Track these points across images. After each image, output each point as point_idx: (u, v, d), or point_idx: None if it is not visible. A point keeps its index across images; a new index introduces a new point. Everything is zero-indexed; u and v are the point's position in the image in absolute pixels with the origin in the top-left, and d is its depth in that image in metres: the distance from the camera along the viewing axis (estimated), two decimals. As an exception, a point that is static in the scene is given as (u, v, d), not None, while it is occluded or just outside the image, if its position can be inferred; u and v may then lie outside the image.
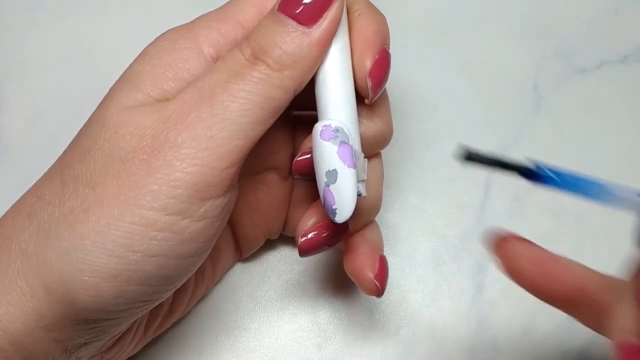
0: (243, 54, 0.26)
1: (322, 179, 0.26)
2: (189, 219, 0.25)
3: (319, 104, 0.27)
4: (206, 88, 0.25)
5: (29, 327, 0.25)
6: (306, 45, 0.26)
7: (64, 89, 0.38)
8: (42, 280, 0.25)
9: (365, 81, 0.27)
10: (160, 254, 0.25)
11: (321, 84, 0.27)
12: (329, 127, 0.26)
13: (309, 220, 0.29)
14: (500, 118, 0.38)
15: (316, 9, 0.26)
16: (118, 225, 0.24)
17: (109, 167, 0.25)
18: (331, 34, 0.26)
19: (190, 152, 0.24)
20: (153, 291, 0.26)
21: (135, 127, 0.25)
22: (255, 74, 0.25)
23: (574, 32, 0.39)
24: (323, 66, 0.27)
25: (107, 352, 0.29)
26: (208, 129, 0.25)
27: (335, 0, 0.26)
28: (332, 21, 0.26)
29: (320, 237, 0.29)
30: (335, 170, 0.26)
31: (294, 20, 0.26)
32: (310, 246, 0.29)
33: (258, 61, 0.25)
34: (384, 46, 0.28)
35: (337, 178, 0.26)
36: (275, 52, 0.25)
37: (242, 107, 0.25)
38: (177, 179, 0.24)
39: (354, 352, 0.33)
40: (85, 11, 0.40)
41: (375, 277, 0.29)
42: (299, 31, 0.26)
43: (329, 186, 0.26)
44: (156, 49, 0.27)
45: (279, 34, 0.26)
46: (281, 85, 0.26)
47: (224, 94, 0.25)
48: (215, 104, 0.25)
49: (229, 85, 0.25)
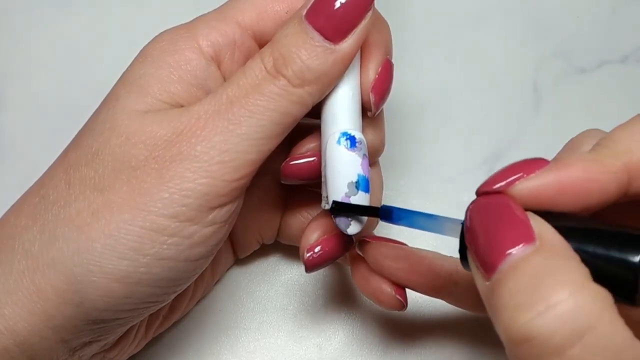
0: (264, 63, 0.25)
1: (340, 189, 0.26)
2: (198, 225, 0.25)
3: (333, 112, 0.27)
4: (223, 101, 0.25)
5: (37, 328, 0.25)
6: (331, 62, 0.25)
7: (64, 89, 0.38)
8: (50, 281, 0.25)
9: (369, 95, 0.27)
10: (170, 257, 0.25)
11: (336, 93, 0.26)
12: (353, 138, 0.26)
13: (313, 235, 0.29)
14: (500, 118, 0.38)
15: (345, 26, 0.25)
16: (128, 230, 0.24)
17: (118, 172, 0.25)
18: (356, 51, 0.26)
19: (203, 165, 0.25)
20: (162, 292, 0.26)
21: (147, 137, 0.25)
22: (275, 89, 0.25)
23: (574, 32, 0.39)
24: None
25: (109, 352, 0.29)
26: (223, 143, 0.25)
27: (365, 18, 0.25)
28: (359, 39, 0.26)
29: (326, 251, 0.28)
30: (357, 182, 0.26)
31: (321, 35, 0.25)
32: (317, 261, 0.28)
33: (279, 75, 0.25)
34: (387, 56, 0.28)
35: (359, 190, 0.26)
36: (297, 66, 0.25)
37: (259, 122, 0.25)
38: (188, 189, 0.24)
39: (354, 352, 0.33)
40: (85, 11, 0.40)
41: (395, 292, 0.29)
42: (325, 46, 0.25)
43: (349, 197, 0.26)
44: (157, 50, 0.27)
45: (304, 46, 0.25)
46: (299, 101, 0.25)
47: (241, 109, 0.25)
48: (232, 119, 0.25)
49: (247, 100, 0.25)
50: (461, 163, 0.37)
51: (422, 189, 0.36)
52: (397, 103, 0.36)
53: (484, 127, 0.37)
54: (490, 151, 0.37)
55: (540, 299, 0.18)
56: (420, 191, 0.36)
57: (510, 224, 0.20)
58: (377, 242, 0.29)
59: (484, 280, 0.20)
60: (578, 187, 0.21)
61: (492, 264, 0.20)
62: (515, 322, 0.19)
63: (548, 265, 0.19)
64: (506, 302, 0.19)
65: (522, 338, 0.19)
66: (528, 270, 0.19)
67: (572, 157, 0.22)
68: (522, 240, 0.20)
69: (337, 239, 0.28)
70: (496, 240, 0.20)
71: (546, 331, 0.18)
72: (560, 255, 0.20)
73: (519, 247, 0.20)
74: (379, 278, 0.29)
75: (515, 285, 0.19)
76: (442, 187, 0.36)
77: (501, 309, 0.19)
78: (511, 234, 0.20)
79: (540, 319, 0.18)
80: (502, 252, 0.20)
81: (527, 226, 0.20)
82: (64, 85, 0.38)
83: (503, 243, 0.20)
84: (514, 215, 0.21)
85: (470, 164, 0.37)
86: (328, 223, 0.28)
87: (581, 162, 0.22)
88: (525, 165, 0.22)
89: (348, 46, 0.25)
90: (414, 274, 0.29)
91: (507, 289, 0.19)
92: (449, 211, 0.37)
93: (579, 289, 0.19)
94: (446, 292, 0.29)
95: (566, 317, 0.18)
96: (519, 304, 0.19)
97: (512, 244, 0.20)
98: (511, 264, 0.19)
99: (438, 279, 0.29)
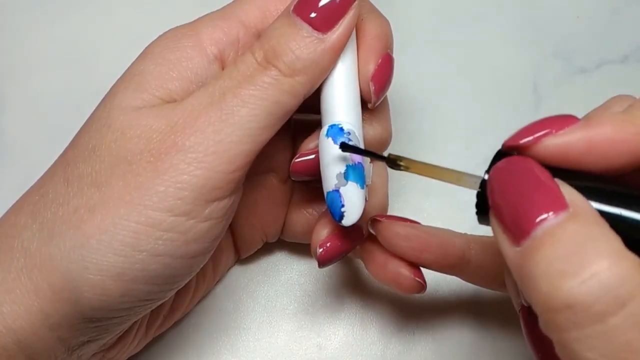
0: (255, 56, 0.26)
1: (331, 181, 0.26)
2: (194, 220, 0.25)
3: (326, 106, 0.27)
4: (216, 93, 0.25)
5: (34, 326, 0.25)
6: (320, 52, 0.26)
7: (64, 88, 0.38)
8: (46, 279, 0.25)
9: (368, 85, 0.27)
10: (166, 253, 0.25)
11: (329, 87, 0.27)
12: (340, 129, 0.26)
13: (323, 230, 0.29)
14: (500, 118, 0.37)
15: (332, 16, 0.26)
16: (124, 225, 0.24)
17: (115, 167, 0.25)
18: (345, 41, 0.26)
19: (197, 156, 0.25)
20: (158, 290, 0.26)
21: (142, 130, 0.25)
22: (266, 79, 0.25)
23: (574, 32, 0.39)
24: (332, 69, 0.27)
25: (109, 351, 0.29)
26: (216, 133, 0.25)
27: (351, 8, 0.26)
28: (347, 29, 0.26)
29: (337, 245, 0.29)
30: (345, 173, 0.26)
31: (309, 25, 0.26)
32: (329, 256, 0.29)
33: (270, 65, 0.25)
34: (387, 50, 0.28)
35: (348, 181, 0.26)
36: (288, 57, 0.25)
37: (251, 112, 0.25)
38: (183, 181, 0.24)
39: (354, 352, 0.33)
40: (86, 11, 0.40)
41: (413, 275, 0.29)
42: (314, 37, 0.26)
43: (338, 189, 0.26)
44: (159, 47, 0.27)
45: (293, 38, 0.26)
46: (291, 91, 0.26)
47: (234, 99, 0.25)
48: (225, 109, 0.25)
49: (239, 90, 0.25)
50: (461, 163, 0.37)
51: (422, 189, 0.36)
52: (397, 103, 0.36)
53: (484, 127, 0.37)
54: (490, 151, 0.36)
55: (583, 266, 0.18)
56: (421, 191, 0.36)
57: (539, 190, 0.20)
58: (389, 221, 0.29)
59: (513, 246, 0.20)
60: (607, 147, 0.21)
61: (524, 230, 0.20)
62: (557, 290, 0.19)
63: (586, 232, 0.19)
64: (544, 269, 0.19)
65: (563, 305, 0.18)
66: (566, 238, 0.19)
67: (603, 115, 0.21)
68: (555, 207, 0.19)
69: (347, 233, 0.29)
70: (526, 205, 0.20)
71: (589, 299, 0.18)
72: (595, 222, 0.19)
73: (553, 214, 0.19)
74: (395, 263, 0.29)
75: (554, 253, 0.19)
76: (443, 187, 0.36)
77: (538, 276, 0.19)
78: (542, 199, 0.20)
79: (583, 286, 0.18)
80: (533, 218, 0.19)
81: (558, 193, 0.20)
82: (64, 85, 0.38)
83: (534, 209, 0.20)
84: (542, 181, 0.20)
85: (470, 164, 0.37)
86: None
87: (612, 122, 0.21)
88: (555, 121, 0.22)
89: (337, 36, 0.26)
90: (426, 253, 0.29)
91: (544, 256, 0.19)
92: (450, 211, 0.37)
93: (620, 258, 0.18)
94: (459, 269, 0.29)
95: (609, 285, 0.18)
96: (561, 271, 0.19)
97: (544, 210, 0.19)
98: (546, 231, 0.19)
99: (450, 256, 0.29)
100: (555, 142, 0.21)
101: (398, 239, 0.28)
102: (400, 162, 0.25)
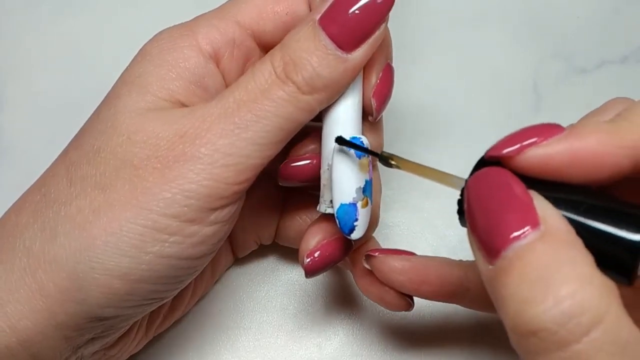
0: (274, 67, 0.25)
1: (348, 194, 0.26)
2: (199, 225, 0.25)
3: (337, 117, 0.26)
4: (231, 104, 0.25)
5: (40, 325, 0.25)
6: (341, 71, 0.25)
7: (64, 89, 0.38)
8: (52, 279, 0.25)
9: (370, 100, 0.27)
10: (172, 255, 0.25)
11: (344, 99, 0.26)
12: (362, 144, 0.26)
13: (313, 239, 0.28)
14: (501, 118, 0.38)
15: (358, 35, 0.25)
16: (130, 228, 0.24)
17: (120, 171, 0.25)
18: (366, 61, 0.26)
19: (206, 167, 0.25)
20: (164, 289, 0.26)
21: (149, 136, 0.25)
22: (283, 95, 0.25)
23: (574, 32, 0.39)
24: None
25: (110, 350, 0.29)
26: (228, 146, 0.25)
27: (379, 28, 0.25)
28: (371, 49, 0.25)
29: (326, 256, 0.28)
30: (365, 188, 0.26)
31: (333, 42, 0.25)
32: (317, 266, 0.28)
33: (288, 81, 0.25)
34: (387, 60, 0.28)
35: (365, 195, 0.26)
36: (308, 72, 0.25)
37: (265, 128, 0.25)
38: (190, 190, 0.24)
39: (354, 352, 0.33)
40: (85, 11, 0.40)
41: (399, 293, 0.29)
42: (337, 55, 0.25)
43: (355, 203, 0.26)
44: (156, 48, 0.27)
45: (315, 53, 0.25)
46: (306, 108, 0.25)
47: (249, 114, 0.25)
48: (238, 123, 0.25)
49: (255, 105, 0.25)
50: (461, 163, 0.37)
51: (422, 189, 0.36)
52: (397, 103, 0.36)
53: (484, 127, 0.37)
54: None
55: (547, 294, 0.18)
56: (421, 191, 0.36)
57: (513, 206, 0.20)
58: (384, 255, 0.29)
59: (487, 263, 0.20)
60: (590, 159, 0.21)
61: (495, 248, 0.19)
62: (522, 316, 0.19)
63: (554, 256, 0.19)
64: (512, 293, 0.19)
65: (528, 331, 0.18)
66: (534, 261, 0.19)
67: (588, 126, 0.21)
68: (526, 224, 0.19)
69: (337, 243, 0.28)
70: (499, 222, 0.20)
71: (553, 326, 0.18)
72: (566, 242, 0.19)
73: (524, 232, 0.19)
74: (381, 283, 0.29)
75: (521, 277, 0.19)
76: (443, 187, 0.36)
77: (507, 300, 0.19)
78: (515, 216, 0.19)
79: (547, 313, 0.18)
80: (505, 236, 0.19)
81: (531, 209, 0.20)
82: (64, 85, 0.38)
83: (506, 226, 0.19)
84: (516, 196, 0.20)
85: (470, 164, 0.37)
86: (327, 227, 0.28)
87: (596, 134, 0.21)
88: (539, 131, 0.21)
89: (359, 56, 0.25)
90: (425, 285, 0.28)
91: (513, 279, 0.19)
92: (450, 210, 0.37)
93: (586, 284, 0.18)
94: (458, 297, 0.29)
95: (572, 312, 0.18)
96: (526, 298, 0.19)
97: (516, 228, 0.19)
98: (516, 253, 0.19)
99: (448, 286, 0.28)
100: (538, 153, 0.21)
101: (395, 273, 0.28)
102: (391, 161, 0.25)
